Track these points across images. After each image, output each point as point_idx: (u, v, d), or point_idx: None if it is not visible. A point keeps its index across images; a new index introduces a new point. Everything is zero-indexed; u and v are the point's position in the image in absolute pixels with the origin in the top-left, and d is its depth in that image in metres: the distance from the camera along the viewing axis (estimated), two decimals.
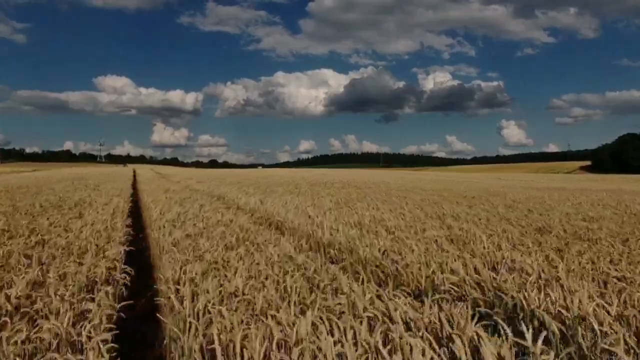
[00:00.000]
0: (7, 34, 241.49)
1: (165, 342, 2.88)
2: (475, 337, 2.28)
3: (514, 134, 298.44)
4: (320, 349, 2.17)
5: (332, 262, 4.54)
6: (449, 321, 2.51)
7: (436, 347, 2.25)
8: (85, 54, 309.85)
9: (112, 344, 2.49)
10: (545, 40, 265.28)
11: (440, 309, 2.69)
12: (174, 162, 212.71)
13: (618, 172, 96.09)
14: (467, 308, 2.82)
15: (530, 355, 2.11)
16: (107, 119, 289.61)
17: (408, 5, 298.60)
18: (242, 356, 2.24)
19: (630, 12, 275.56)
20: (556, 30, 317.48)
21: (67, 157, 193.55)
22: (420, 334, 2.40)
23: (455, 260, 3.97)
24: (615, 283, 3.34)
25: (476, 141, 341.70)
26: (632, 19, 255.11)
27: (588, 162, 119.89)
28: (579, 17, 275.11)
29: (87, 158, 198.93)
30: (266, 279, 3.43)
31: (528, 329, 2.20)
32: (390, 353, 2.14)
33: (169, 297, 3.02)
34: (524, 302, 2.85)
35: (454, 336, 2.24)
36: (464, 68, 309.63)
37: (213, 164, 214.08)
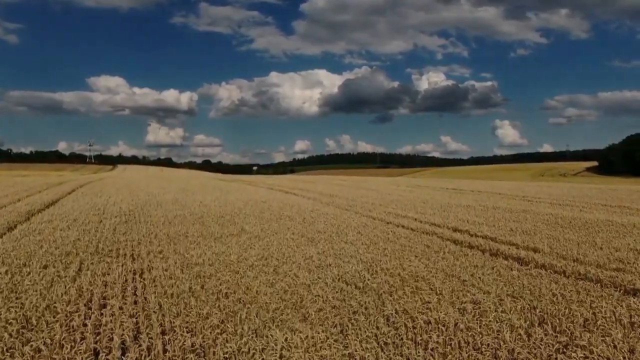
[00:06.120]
0: None
1: None
2: None
3: (509, 134, 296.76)
4: None
5: None
6: None
7: None
8: (78, 54, 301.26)
9: None
10: (538, 41, 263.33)
11: None
12: (168, 162, 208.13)
13: (630, 174, 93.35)
14: None
15: None
16: (101, 119, 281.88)
17: (400, 7, 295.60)
18: None
19: (621, 14, 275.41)
20: (548, 32, 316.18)
21: (56, 158, 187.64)
22: None
23: None
24: None
25: (471, 141, 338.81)
26: (623, 20, 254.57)
27: (594, 163, 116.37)
28: (571, 18, 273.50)
29: (77, 159, 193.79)
30: None
31: None
32: None
33: None
34: None
35: None
36: (457, 69, 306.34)
37: (207, 164, 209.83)
